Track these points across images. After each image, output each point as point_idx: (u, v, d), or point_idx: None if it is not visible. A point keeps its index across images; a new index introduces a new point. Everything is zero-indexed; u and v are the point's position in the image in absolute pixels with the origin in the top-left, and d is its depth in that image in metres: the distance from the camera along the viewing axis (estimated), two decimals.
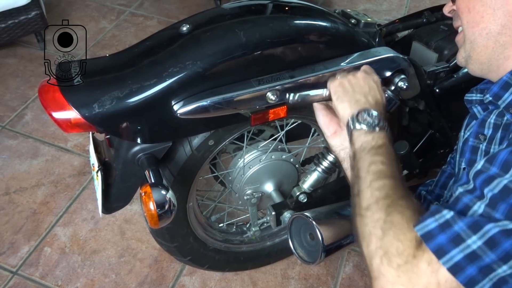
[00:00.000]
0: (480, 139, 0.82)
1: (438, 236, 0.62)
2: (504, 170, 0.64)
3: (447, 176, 1.01)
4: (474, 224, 0.61)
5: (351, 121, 0.87)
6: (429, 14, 1.33)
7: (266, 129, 1.32)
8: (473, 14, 0.77)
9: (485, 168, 0.67)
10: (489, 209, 0.63)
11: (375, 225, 0.69)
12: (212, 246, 1.37)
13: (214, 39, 0.94)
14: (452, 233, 0.62)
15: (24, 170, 1.85)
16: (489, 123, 0.81)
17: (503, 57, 0.76)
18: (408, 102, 1.22)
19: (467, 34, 0.80)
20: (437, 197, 1.01)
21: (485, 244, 0.60)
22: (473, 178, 0.68)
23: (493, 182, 0.64)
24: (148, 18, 2.68)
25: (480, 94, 0.86)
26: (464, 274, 0.60)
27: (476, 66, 0.81)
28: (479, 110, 0.86)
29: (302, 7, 1.06)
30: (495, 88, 0.78)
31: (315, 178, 1.22)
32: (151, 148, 0.99)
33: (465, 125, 0.90)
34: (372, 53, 1.02)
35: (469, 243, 0.61)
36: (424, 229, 0.64)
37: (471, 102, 0.88)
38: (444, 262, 0.61)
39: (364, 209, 0.73)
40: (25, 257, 1.58)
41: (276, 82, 0.94)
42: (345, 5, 2.83)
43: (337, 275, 1.57)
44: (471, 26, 0.78)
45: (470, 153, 0.84)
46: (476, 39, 0.78)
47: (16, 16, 2.19)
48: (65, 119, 0.87)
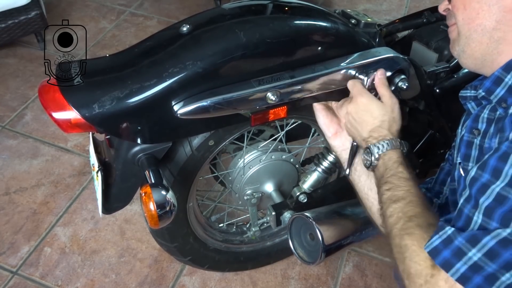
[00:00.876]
0: (474, 134, 0.83)
1: (443, 251, 0.67)
2: (495, 177, 0.67)
3: (445, 173, 1.02)
4: (472, 238, 0.65)
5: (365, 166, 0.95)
6: (429, 14, 1.33)
7: (266, 129, 1.32)
8: (468, 11, 0.78)
9: (478, 175, 0.70)
10: (486, 219, 0.66)
11: (396, 251, 0.75)
12: (212, 246, 1.37)
13: (214, 39, 0.94)
14: (454, 247, 0.66)
15: (24, 170, 1.85)
16: (482, 117, 0.82)
17: (496, 53, 0.78)
18: (408, 102, 1.21)
19: (462, 30, 0.81)
20: (437, 194, 1.03)
21: (485, 256, 0.64)
22: (469, 186, 0.71)
23: (487, 190, 0.67)
24: (148, 18, 2.68)
25: (474, 90, 0.87)
26: (472, 284, 0.64)
27: (470, 61, 0.82)
28: (473, 106, 0.87)
29: (302, 7, 1.06)
30: (488, 83, 0.79)
31: (315, 178, 1.22)
32: (151, 148, 0.99)
33: (462, 122, 0.91)
34: (372, 53, 1.02)
35: (470, 255, 0.64)
36: (431, 247, 0.69)
37: (465, 98, 0.89)
38: (452, 274, 0.65)
39: (388, 238, 0.79)
40: (25, 257, 1.58)
41: (276, 82, 0.94)
42: (345, 5, 2.83)
43: (337, 275, 1.57)
44: (466, 22, 0.79)
45: (465, 147, 0.85)
46: (472, 35, 0.79)
47: (16, 16, 2.19)
48: (65, 119, 0.87)
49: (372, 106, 0.93)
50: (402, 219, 0.76)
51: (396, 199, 0.80)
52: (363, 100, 0.94)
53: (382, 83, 0.97)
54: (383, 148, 0.89)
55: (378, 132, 0.92)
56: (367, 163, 0.91)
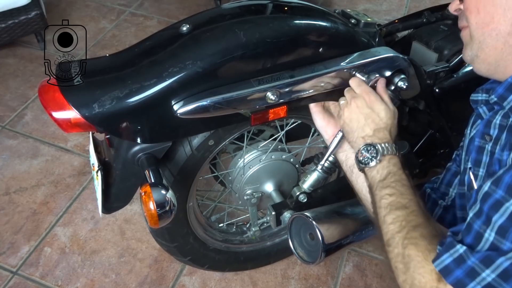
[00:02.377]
0: (486, 140, 0.82)
1: (455, 271, 0.67)
2: (510, 194, 0.66)
3: (452, 174, 1.00)
4: (486, 259, 0.65)
5: (356, 163, 0.92)
6: (429, 14, 1.33)
7: (266, 129, 1.32)
8: (482, 14, 0.75)
9: (492, 190, 0.68)
10: (499, 238, 0.66)
11: (397, 260, 0.74)
12: (212, 246, 1.37)
13: (214, 39, 0.94)
14: (467, 267, 0.66)
15: (24, 170, 1.85)
16: (494, 123, 0.81)
17: (511, 58, 0.75)
18: (408, 102, 1.22)
19: (475, 34, 0.78)
20: (442, 195, 1.01)
21: (499, 276, 0.64)
22: (481, 200, 0.70)
23: (501, 208, 0.66)
24: (148, 18, 2.68)
25: (485, 94, 0.85)
26: None
27: (483, 66, 0.80)
28: (485, 110, 0.85)
29: (302, 7, 1.06)
30: (500, 89, 0.78)
31: (315, 178, 1.21)
32: (151, 148, 0.99)
33: (471, 123, 0.89)
34: (372, 53, 1.02)
35: (484, 276, 0.64)
36: (441, 265, 0.68)
37: (476, 103, 0.87)
38: None
39: (386, 244, 0.78)
40: (25, 257, 1.58)
41: (276, 82, 0.94)
42: (345, 5, 2.83)
43: (337, 275, 1.57)
44: (480, 26, 0.77)
45: (476, 153, 0.84)
46: (486, 39, 0.76)
47: (16, 16, 2.19)
48: (65, 119, 0.87)
49: (380, 106, 0.92)
50: (406, 228, 0.75)
51: (399, 206, 0.79)
52: (372, 98, 0.92)
53: (385, 91, 0.96)
54: (387, 150, 0.88)
55: (382, 133, 0.90)
56: (366, 160, 0.88)
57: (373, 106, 0.92)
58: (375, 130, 0.91)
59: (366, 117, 0.92)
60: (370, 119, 0.91)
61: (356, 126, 0.93)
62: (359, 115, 0.92)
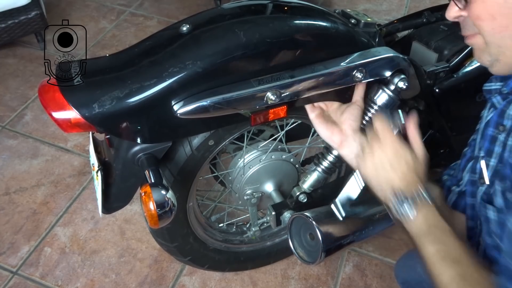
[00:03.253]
0: (499, 130, 0.81)
1: None
2: None
3: (467, 159, 0.97)
4: None
5: (390, 215, 0.88)
6: (429, 14, 1.33)
7: (266, 129, 1.32)
8: (499, 19, 0.73)
9: None
10: None
11: None
12: (212, 246, 1.37)
13: (214, 39, 0.94)
14: None
15: (24, 170, 1.85)
16: (508, 114, 0.80)
17: None
18: (408, 102, 1.21)
19: (492, 39, 0.76)
20: (458, 181, 0.99)
21: None
22: None
23: None
24: (148, 18, 2.68)
25: (499, 82, 0.84)
26: None
27: (505, 67, 0.79)
28: (499, 100, 0.84)
29: (302, 7, 1.06)
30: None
31: (315, 178, 1.21)
32: (151, 148, 0.99)
33: (489, 106, 0.88)
34: (372, 53, 1.02)
35: None
36: None
37: (490, 92, 0.86)
38: None
39: None
40: (25, 257, 1.58)
41: (276, 82, 0.94)
42: (345, 5, 2.83)
43: (337, 275, 1.57)
44: (498, 31, 0.74)
45: (489, 142, 0.83)
46: (506, 42, 0.75)
47: (16, 16, 2.19)
48: (65, 119, 0.87)
49: (407, 154, 0.88)
50: (460, 283, 0.74)
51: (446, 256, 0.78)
52: (397, 147, 0.89)
53: (417, 134, 0.92)
54: (421, 199, 0.84)
55: (412, 179, 0.86)
56: (403, 213, 0.84)
57: (401, 155, 0.88)
58: (406, 181, 0.87)
59: (395, 169, 0.88)
60: (399, 169, 0.87)
61: (386, 180, 0.89)
62: (387, 170, 0.88)
